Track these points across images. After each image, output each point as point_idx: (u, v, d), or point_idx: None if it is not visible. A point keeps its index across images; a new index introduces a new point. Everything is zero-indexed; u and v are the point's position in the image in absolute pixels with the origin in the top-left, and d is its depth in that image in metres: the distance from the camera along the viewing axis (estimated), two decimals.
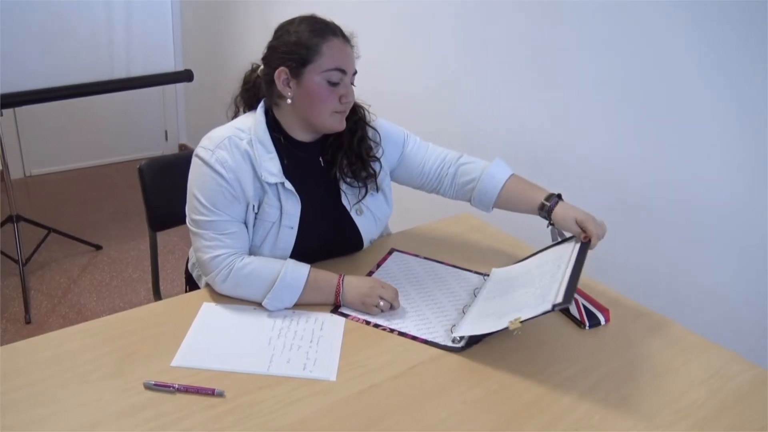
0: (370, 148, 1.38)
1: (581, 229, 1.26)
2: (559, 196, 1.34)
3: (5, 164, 2.62)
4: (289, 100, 1.24)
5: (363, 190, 1.38)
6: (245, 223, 1.25)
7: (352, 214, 1.37)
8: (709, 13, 1.40)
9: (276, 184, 1.25)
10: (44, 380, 0.96)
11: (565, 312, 1.24)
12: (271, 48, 1.26)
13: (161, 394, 0.95)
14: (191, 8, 3.71)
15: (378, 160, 1.39)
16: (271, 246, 1.27)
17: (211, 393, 0.95)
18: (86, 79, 2.63)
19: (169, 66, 3.79)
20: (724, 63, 1.39)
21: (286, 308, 1.20)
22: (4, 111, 2.49)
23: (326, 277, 1.23)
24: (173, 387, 0.95)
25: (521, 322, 1.04)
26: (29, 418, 0.89)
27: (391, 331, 1.15)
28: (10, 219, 2.68)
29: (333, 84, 1.22)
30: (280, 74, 1.23)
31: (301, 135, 1.31)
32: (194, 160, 1.24)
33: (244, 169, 1.22)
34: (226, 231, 1.21)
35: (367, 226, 1.39)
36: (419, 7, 2.17)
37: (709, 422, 0.98)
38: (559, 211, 1.31)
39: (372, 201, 1.40)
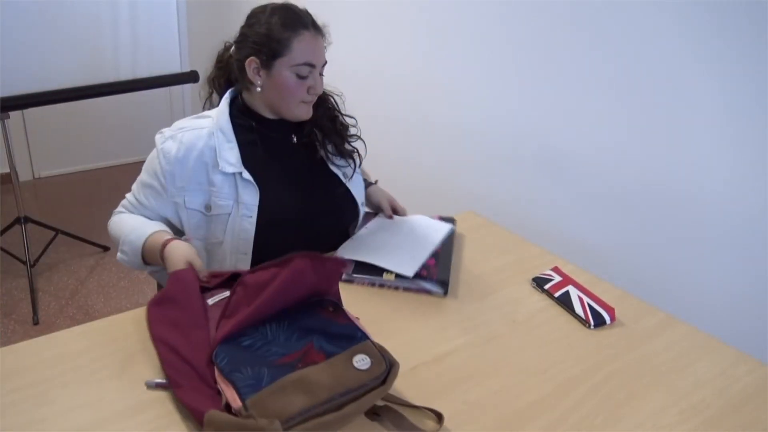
0: (346, 127, 1.43)
1: (392, 207, 1.52)
2: (375, 182, 1.59)
3: (13, 166, 2.63)
4: (258, 88, 1.27)
5: (352, 166, 1.42)
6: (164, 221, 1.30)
7: (345, 181, 1.41)
8: (712, 11, 1.38)
9: (233, 174, 1.26)
10: (47, 380, 0.96)
11: (570, 311, 1.23)
12: (243, 35, 1.27)
13: (163, 393, 0.95)
14: (197, 8, 3.72)
15: (360, 138, 1.44)
16: (231, 235, 1.27)
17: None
18: (92, 81, 2.64)
19: (175, 67, 3.81)
20: (729, 61, 1.38)
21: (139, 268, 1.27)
22: (12, 113, 2.51)
23: (158, 238, 1.20)
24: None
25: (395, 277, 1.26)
26: (32, 418, 0.89)
27: (396, 288, 1.27)
28: (18, 221, 2.69)
29: (302, 77, 1.24)
30: (251, 63, 1.25)
31: (272, 116, 1.34)
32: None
33: (187, 167, 1.24)
34: (133, 205, 1.32)
35: (357, 191, 1.45)
36: (422, 2, 2.16)
37: (716, 422, 0.97)
38: (374, 189, 1.56)
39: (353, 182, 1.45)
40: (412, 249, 1.37)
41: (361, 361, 0.89)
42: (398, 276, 1.27)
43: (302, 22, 1.23)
